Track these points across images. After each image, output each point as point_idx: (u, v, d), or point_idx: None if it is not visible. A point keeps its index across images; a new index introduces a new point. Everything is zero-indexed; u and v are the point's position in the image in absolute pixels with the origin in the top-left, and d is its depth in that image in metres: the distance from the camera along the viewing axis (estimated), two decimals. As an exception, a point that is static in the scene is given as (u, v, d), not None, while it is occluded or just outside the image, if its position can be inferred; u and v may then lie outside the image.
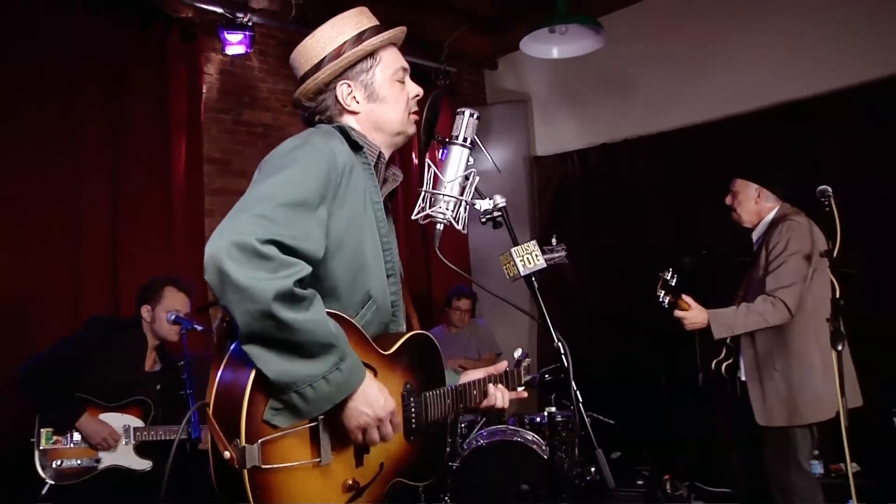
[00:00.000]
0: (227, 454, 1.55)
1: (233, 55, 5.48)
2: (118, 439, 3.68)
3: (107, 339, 3.78)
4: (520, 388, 2.30)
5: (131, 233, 4.89)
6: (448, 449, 4.89)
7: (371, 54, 1.98)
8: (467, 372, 2.22)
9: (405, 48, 2.11)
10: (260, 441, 1.57)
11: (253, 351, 1.58)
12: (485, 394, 2.18)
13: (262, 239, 1.55)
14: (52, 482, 3.54)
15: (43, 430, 3.57)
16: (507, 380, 2.26)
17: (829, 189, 3.20)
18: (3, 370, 3.97)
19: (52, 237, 4.57)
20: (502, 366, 2.26)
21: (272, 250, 1.56)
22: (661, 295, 3.42)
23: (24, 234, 4.46)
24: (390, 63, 2.01)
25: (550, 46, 5.23)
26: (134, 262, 4.82)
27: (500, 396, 2.19)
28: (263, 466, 1.56)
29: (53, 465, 3.56)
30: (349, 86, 1.97)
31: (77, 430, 3.61)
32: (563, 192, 6.85)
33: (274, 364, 1.58)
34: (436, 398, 2.02)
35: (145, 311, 3.90)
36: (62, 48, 4.70)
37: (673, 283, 3.43)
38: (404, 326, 2.07)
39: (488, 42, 7.03)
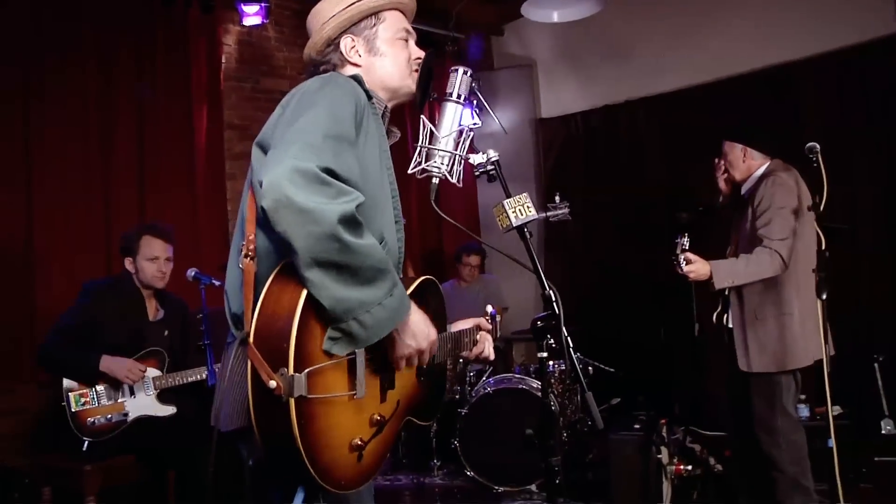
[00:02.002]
0: (272, 383, 1.50)
1: (250, 26, 5.44)
2: (144, 370, 3.66)
3: (106, 299, 3.76)
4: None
5: (157, 194, 4.94)
6: (458, 396, 4.98)
7: (376, 14, 1.97)
8: (456, 322, 2.21)
9: (414, 17, 2.09)
10: (307, 370, 1.52)
11: (314, 276, 1.52)
12: (474, 342, 2.21)
13: (321, 166, 1.51)
14: (90, 439, 3.56)
15: (71, 394, 3.56)
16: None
17: (817, 146, 3.15)
18: (47, 319, 4.03)
19: (86, 198, 4.64)
20: (483, 322, 2.28)
21: (329, 177, 1.53)
22: (681, 259, 3.40)
23: (62, 194, 4.53)
24: (393, 23, 1.99)
25: (550, 10, 5.15)
26: (160, 221, 4.85)
27: (487, 345, 2.23)
28: (309, 396, 1.52)
29: (87, 424, 3.57)
30: (353, 40, 1.96)
31: (103, 373, 3.59)
32: (566, 152, 6.83)
33: (334, 290, 1.53)
34: (441, 341, 2.00)
35: (128, 263, 3.86)
36: (97, 24, 4.74)
37: (687, 247, 3.42)
38: (401, 276, 2.07)
39: (494, 10, 6.94)
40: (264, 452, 1.62)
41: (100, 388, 3.64)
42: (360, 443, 1.66)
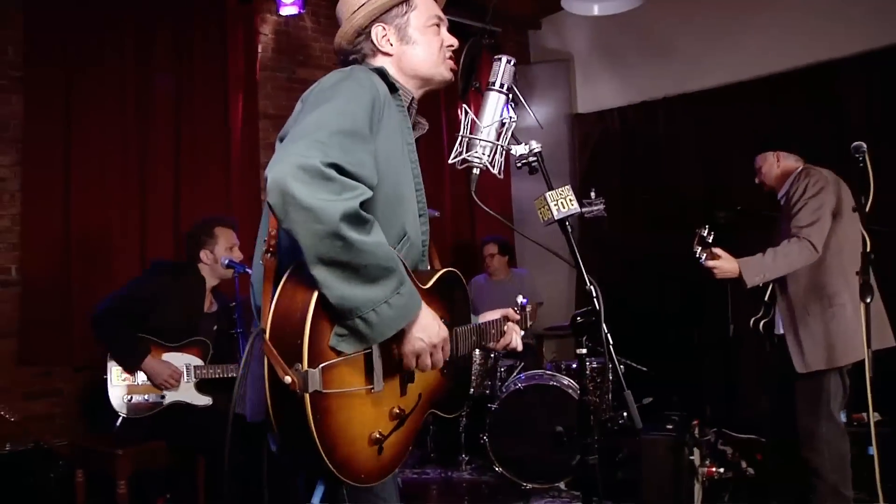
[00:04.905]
0: (287, 379, 1.49)
1: (286, 16, 5.45)
2: (179, 378, 3.74)
3: (169, 282, 3.82)
4: (522, 333, 2.28)
5: (192, 182, 4.98)
6: (488, 391, 4.94)
7: (406, 1, 1.93)
8: (484, 314, 2.18)
9: (451, 10, 2.05)
10: (321, 366, 1.51)
11: (319, 274, 1.50)
12: (502, 333, 2.17)
13: (325, 162, 1.48)
14: (125, 415, 3.65)
15: (113, 368, 3.66)
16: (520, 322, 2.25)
17: (864, 145, 3.07)
18: (83, 304, 4.09)
19: (123, 186, 4.70)
20: (511, 312, 2.23)
21: (334, 173, 1.49)
22: (699, 251, 3.34)
23: (99, 182, 4.59)
24: (424, 10, 1.95)
25: (591, 4, 5.09)
26: (194, 209, 4.89)
27: (514, 336, 2.19)
28: (324, 391, 1.51)
29: (124, 400, 3.66)
30: (384, 28, 1.92)
31: (142, 371, 3.68)
32: (602, 148, 6.74)
33: (338, 288, 1.51)
34: (464, 334, 1.98)
35: (205, 255, 3.91)
36: (135, 12, 4.78)
37: (710, 240, 3.34)
38: (429, 267, 2.02)
39: (532, 3, 6.89)
40: (283, 446, 1.62)
41: None
42: (379, 436, 1.64)
